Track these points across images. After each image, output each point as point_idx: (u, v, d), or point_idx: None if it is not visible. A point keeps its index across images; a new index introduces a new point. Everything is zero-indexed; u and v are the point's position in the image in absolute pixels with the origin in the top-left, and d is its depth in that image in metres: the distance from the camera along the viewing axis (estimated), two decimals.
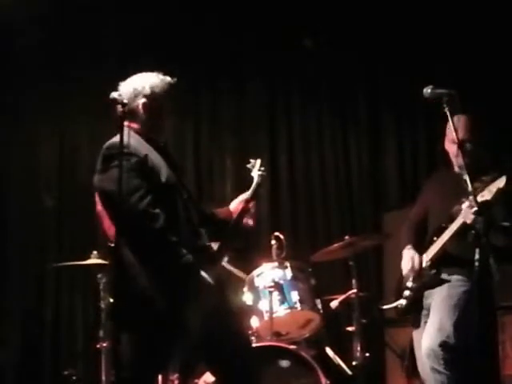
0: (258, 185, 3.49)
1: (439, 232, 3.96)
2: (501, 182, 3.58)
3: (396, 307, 4.14)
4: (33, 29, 5.49)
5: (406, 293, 4.08)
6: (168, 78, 3.27)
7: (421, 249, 4.08)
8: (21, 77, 5.64)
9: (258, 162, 3.59)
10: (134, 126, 3.19)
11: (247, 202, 3.40)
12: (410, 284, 4.06)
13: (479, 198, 3.57)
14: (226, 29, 5.91)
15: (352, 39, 6.02)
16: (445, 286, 3.90)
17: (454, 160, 4.07)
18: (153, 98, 3.20)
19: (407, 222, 4.29)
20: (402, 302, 4.10)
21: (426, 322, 3.97)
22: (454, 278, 3.90)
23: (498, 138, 5.88)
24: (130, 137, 3.00)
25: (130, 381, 2.97)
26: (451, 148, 4.05)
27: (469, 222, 3.60)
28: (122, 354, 2.94)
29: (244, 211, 3.37)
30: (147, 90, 3.19)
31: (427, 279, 3.97)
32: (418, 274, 4.00)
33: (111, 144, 3.09)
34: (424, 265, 3.99)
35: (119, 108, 3.01)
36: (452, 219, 3.89)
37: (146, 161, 3.06)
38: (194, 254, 2.99)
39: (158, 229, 2.94)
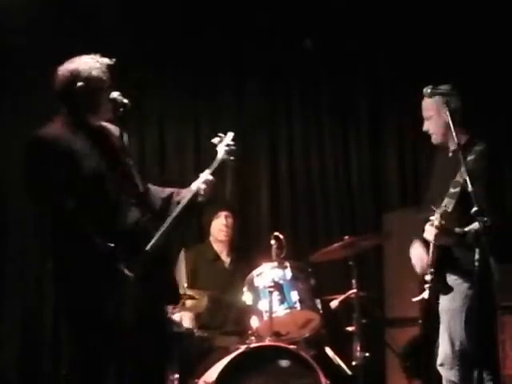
0: (223, 162, 3.25)
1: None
2: None
3: (423, 298, 3.88)
4: (32, 29, 5.49)
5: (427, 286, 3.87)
6: (106, 60, 3.21)
7: None
8: (21, 77, 5.64)
9: (230, 135, 3.26)
10: (68, 111, 3.16)
11: (207, 182, 3.24)
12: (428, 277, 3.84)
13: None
14: (225, 29, 5.91)
15: (352, 39, 6.01)
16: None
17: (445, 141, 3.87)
18: (90, 80, 3.14)
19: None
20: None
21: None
22: (454, 278, 3.86)
23: (497, 137, 5.91)
24: (53, 126, 3.05)
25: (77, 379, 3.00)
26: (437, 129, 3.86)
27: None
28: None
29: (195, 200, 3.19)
30: (84, 73, 3.14)
31: (437, 287, 3.80)
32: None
33: (31, 136, 3.10)
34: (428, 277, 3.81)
35: (119, 109, 3.03)
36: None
37: (64, 151, 3.00)
38: (117, 244, 2.91)
39: (68, 218, 2.95)
